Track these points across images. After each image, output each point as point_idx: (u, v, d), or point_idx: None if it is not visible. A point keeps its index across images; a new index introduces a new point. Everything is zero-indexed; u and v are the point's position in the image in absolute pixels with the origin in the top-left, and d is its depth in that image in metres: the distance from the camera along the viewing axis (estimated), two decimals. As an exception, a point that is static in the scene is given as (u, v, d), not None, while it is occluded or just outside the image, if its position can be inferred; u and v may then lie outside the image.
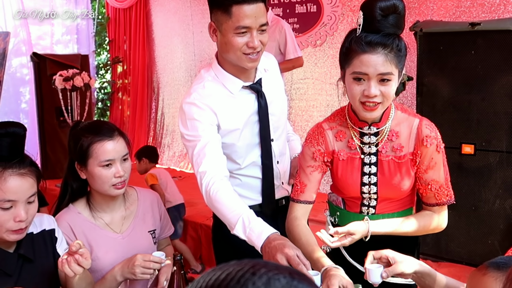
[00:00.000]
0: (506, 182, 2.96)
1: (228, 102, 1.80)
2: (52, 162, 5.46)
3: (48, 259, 1.62)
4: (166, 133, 6.54)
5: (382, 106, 1.50)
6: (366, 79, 1.47)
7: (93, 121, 1.84)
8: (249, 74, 1.82)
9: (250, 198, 1.88)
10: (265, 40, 1.72)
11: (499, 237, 2.92)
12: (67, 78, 4.81)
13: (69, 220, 1.74)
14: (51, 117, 5.43)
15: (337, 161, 1.63)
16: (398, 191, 1.61)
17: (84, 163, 1.70)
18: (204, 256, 3.93)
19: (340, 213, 1.72)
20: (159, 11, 6.48)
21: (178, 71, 6.32)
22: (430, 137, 1.55)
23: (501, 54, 2.82)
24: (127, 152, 1.73)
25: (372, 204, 1.65)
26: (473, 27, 2.85)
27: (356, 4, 4.57)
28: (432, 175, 1.59)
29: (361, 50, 1.46)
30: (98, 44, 7.08)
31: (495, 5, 3.76)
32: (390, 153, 1.58)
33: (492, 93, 2.87)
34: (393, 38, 1.46)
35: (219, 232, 1.89)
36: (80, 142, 1.69)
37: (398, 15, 1.45)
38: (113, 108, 7.11)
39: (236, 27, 1.69)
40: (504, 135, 2.89)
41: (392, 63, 1.45)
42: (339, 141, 1.63)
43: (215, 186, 1.63)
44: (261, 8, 1.68)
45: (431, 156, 1.57)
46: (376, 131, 1.59)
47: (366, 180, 1.61)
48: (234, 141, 1.82)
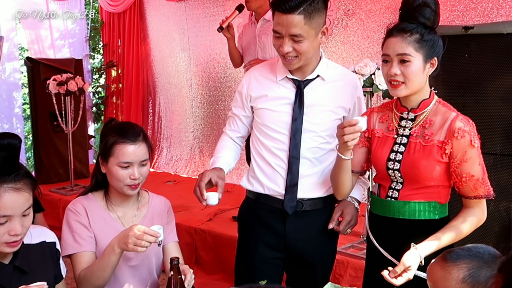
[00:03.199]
0: (500, 184, 2.97)
1: (269, 84, 2.00)
2: (46, 167, 5.42)
3: (47, 273, 1.60)
4: (163, 137, 6.53)
5: (406, 86, 1.68)
6: (389, 60, 1.69)
7: (124, 122, 1.96)
8: (302, 73, 1.95)
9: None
10: (301, 49, 1.83)
11: (494, 239, 2.93)
12: (61, 82, 4.79)
13: (86, 205, 1.87)
14: (45, 122, 5.39)
15: (374, 137, 1.83)
16: (420, 173, 1.70)
17: (106, 159, 1.83)
18: (200, 261, 3.92)
19: (372, 199, 1.89)
20: (154, 15, 6.48)
21: (174, 76, 6.32)
22: (463, 130, 1.65)
23: (494, 58, 2.84)
24: (146, 158, 1.85)
25: (398, 187, 1.77)
26: (467, 30, 2.87)
27: (350, 9, 4.59)
28: (467, 169, 1.67)
29: (388, 36, 1.70)
30: (92, 48, 7.06)
31: (488, 9, 3.80)
32: (420, 137, 1.71)
33: (486, 96, 2.88)
34: (417, 26, 1.66)
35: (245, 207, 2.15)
36: (106, 139, 1.83)
37: (428, 8, 1.66)
38: (107, 113, 7.08)
39: (273, 29, 1.86)
40: (498, 137, 2.90)
41: (410, 45, 1.64)
42: (381, 123, 1.83)
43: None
44: (295, 19, 1.78)
45: (464, 149, 1.65)
46: (413, 117, 1.74)
47: (393, 156, 1.75)
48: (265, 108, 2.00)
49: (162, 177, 5.88)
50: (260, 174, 2.02)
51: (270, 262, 2.05)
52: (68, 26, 6.67)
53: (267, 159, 1.99)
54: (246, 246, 2.11)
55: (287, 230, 2.00)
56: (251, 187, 2.06)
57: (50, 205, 4.84)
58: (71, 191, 5.00)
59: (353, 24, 4.59)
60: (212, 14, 5.57)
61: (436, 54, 1.71)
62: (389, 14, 4.34)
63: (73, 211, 1.87)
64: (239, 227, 2.19)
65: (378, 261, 1.79)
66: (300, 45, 1.81)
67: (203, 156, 6.03)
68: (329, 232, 2.08)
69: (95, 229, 1.86)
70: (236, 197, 4.05)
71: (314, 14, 1.79)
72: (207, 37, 5.76)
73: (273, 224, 2.02)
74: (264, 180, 2.00)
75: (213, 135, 5.89)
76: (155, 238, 1.65)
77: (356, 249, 3.24)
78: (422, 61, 1.67)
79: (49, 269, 1.62)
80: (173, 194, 4.87)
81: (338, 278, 3.08)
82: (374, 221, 1.85)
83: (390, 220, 1.78)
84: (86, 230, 1.85)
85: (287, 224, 2.00)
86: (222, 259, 3.70)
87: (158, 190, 2.28)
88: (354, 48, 4.58)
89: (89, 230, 1.85)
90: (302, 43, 1.81)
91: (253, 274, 2.03)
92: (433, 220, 1.75)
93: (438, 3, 1.71)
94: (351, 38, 4.59)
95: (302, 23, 1.77)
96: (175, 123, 6.37)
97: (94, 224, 1.86)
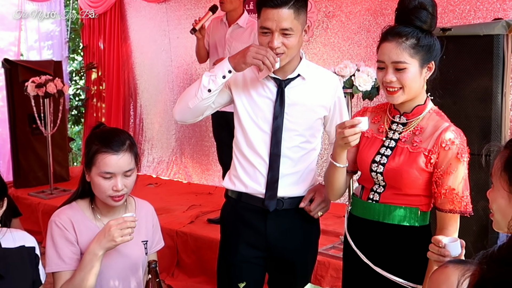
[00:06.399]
0: (478, 184, 3.01)
1: (252, 80, 2.01)
2: (25, 170, 5.33)
3: (25, 278, 1.57)
4: (144, 140, 6.47)
5: (403, 92, 1.63)
6: (384, 67, 1.63)
7: (109, 130, 1.86)
8: (283, 71, 1.97)
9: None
10: (290, 43, 1.86)
11: (472, 238, 2.96)
12: (40, 84, 4.73)
13: (71, 216, 1.78)
14: (24, 125, 5.31)
15: (362, 137, 1.76)
16: (402, 179, 1.66)
17: (89, 168, 1.75)
18: (181, 263, 3.89)
19: (353, 200, 1.86)
20: (134, 17, 6.43)
21: (155, 77, 6.28)
22: (452, 141, 1.60)
23: (471, 59, 2.87)
24: (131, 168, 1.75)
25: (379, 190, 1.72)
26: (444, 32, 2.90)
27: (331, 11, 4.62)
28: (448, 181, 1.61)
29: (382, 40, 1.64)
30: (71, 50, 6.98)
31: (465, 11, 3.86)
32: (409, 143, 1.67)
33: (464, 97, 2.92)
34: (413, 30, 1.58)
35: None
36: (90, 147, 1.74)
37: (424, 10, 1.59)
38: (88, 115, 7.01)
39: (260, 26, 1.89)
40: (476, 138, 2.94)
41: (405, 52, 1.58)
42: (373, 123, 1.78)
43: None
44: (285, 13, 1.83)
45: (449, 161, 1.61)
46: (405, 122, 1.70)
47: (378, 159, 1.72)
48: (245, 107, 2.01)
49: (144, 180, 5.82)
50: (242, 172, 2.03)
51: (252, 261, 2.06)
52: (48, 28, 6.59)
53: (248, 157, 2.01)
54: (228, 245, 2.12)
55: (268, 229, 2.02)
56: (233, 187, 2.07)
57: (29, 209, 4.77)
58: (50, 195, 4.93)
59: (333, 26, 4.62)
60: (194, 15, 5.54)
61: (434, 58, 1.65)
62: (369, 16, 4.38)
63: (59, 225, 1.76)
64: (221, 227, 2.20)
65: (355, 263, 1.78)
66: (289, 39, 1.86)
67: (184, 158, 6.00)
68: (309, 230, 2.11)
69: (81, 242, 1.77)
70: (218, 199, 4.03)
71: (301, 10, 1.87)
72: (189, 38, 5.70)
73: (254, 223, 2.04)
74: (245, 178, 2.02)
75: (195, 137, 5.86)
76: (135, 223, 1.66)
77: (338, 250, 3.25)
78: (418, 67, 1.62)
79: (27, 274, 1.59)
80: (155, 197, 4.83)
81: (320, 279, 3.09)
82: (354, 222, 1.84)
83: (370, 222, 1.76)
84: (72, 247, 1.76)
85: (268, 222, 2.02)
86: (204, 261, 3.68)
87: (140, 192, 2.25)
88: (334, 50, 4.60)
89: (74, 246, 1.77)
90: (291, 37, 1.86)
91: (235, 274, 2.04)
92: (413, 227, 1.71)
93: (436, 5, 1.65)
94: (332, 39, 4.61)
95: (292, 17, 1.84)
96: (157, 125, 6.33)
97: (81, 238, 1.77)
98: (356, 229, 1.82)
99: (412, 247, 1.71)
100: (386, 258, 1.71)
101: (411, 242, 1.71)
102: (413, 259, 1.70)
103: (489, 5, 3.76)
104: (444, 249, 1.39)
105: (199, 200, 4.73)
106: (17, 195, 5.09)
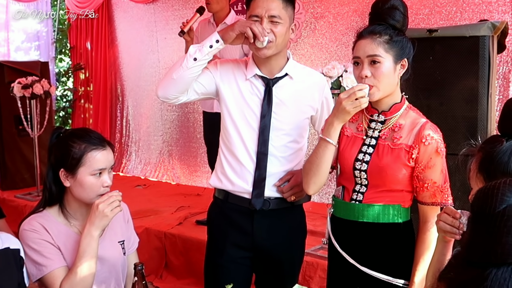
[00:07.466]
0: (465, 184, 3.01)
1: (240, 78, 2.01)
2: (11, 172, 5.27)
3: (11, 280, 1.55)
4: (131, 141, 6.44)
5: (377, 89, 1.68)
6: (360, 62, 1.70)
7: (80, 129, 1.85)
8: (270, 70, 1.98)
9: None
10: (278, 31, 1.89)
11: (460, 238, 2.99)
12: (26, 85, 4.68)
13: (44, 223, 1.74)
14: (10, 126, 5.25)
15: (342, 136, 1.81)
16: (387, 175, 1.70)
17: (73, 170, 1.72)
18: (170, 265, 3.88)
19: (335, 202, 1.86)
20: (122, 18, 6.40)
21: (142, 78, 6.25)
22: (431, 137, 1.67)
23: (458, 60, 2.90)
24: (114, 162, 1.79)
25: (362, 190, 1.76)
26: (431, 33, 2.92)
27: (319, 12, 4.63)
28: (430, 175, 1.68)
29: (358, 38, 1.71)
30: (59, 51, 6.93)
31: (452, 12, 3.89)
32: (389, 140, 1.72)
33: (450, 98, 2.94)
34: (386, 27, 1.68)
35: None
36: (72, 150, 1.70)
37: (397, 10, 1.70)
38: (75, 116, 6.96)
39: (249, 15, 1.92)
40: (462, 138, 2.93)
41: (380, 46, 1.66)
42: (351, 122, 1.82)
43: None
44: (274, 1, 1.88)
45: (430, 156, 1.67)
46: (383, 120, 1.75)
47: (361, 157, 1.75)
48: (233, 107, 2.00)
49: (131, 181, 5.80)
50: (229, 169, 2.02)
51: (239, 262, 2.06)
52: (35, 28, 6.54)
53: (236, 155, 2.00)
54: (215, 246, 2.12)
55: (255, 229, 2.02)
56: (220, 185, 2.06)
57: (15, 211, 4.72)
58: (37, 197, 4.87)
59: (321, 27, 4.63)
60: (181, 16, 5.53)
61: (406, 56, 1.72)
62: (356, 17, 4.40)
63: (31, 230, 1.71)
64: (208, 228, 2.19)
65: (340, 264, 1.80)
66: (277, 27, 1.89)
67: (172, 159, 5.97)
68: (296, 230, 2.11)
69: (60, 246, 1.73)
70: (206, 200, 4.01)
71: (289, 5, 1.92)
72: (176, 39, 5.67)
73: (241, 223, 2.04)
74: (233, 176, 2.01)
75: (183, 138, 5.85)
76: (120, 195, 1.70)
77: (326, 250, 3.22)
78: (393, 62, 1.68)
79: (13, 276, 1.57)
80: (143, 198, 4.82)
81: (308, 279, 3.09)
82: (337, 224, 1.84)
83: (353, 223, 1.77)
84: (51, 246, 1.71)
85: (254, 223, 2.02)
86: (192, 263, 3.67)
87: (128, 194, 2.25)
88: (322, 51, 4.62)
89: (54, 246, 1.72)
90: (280, 25, 1.89)
91: (222, 275, 2.03)
92: (396, 224, 1.75)
93: (406, 6, 1.76)
94: (320, 40, 4.63)
95: (281, 7, 1.89)
96: (144, 127, 6.30)
97: (58, 241, 1.72)
98: (340, 231, 1.82)
99: (397, 243, 1.75)
100: (371, 257, 1.73)
101: (396, 239, 1.74)
102: (398, 255, 1.74)
103: (475, 6, 3.80)
104: (459, 221, 1.38)
105: (188, 201, 4.72)
106: (4, 197, 5.04)
